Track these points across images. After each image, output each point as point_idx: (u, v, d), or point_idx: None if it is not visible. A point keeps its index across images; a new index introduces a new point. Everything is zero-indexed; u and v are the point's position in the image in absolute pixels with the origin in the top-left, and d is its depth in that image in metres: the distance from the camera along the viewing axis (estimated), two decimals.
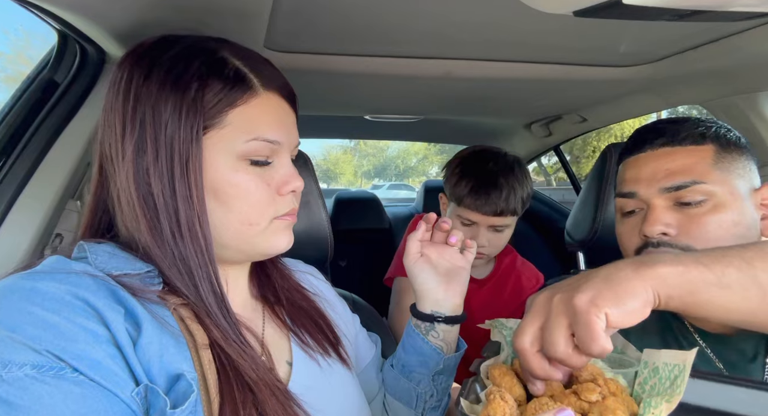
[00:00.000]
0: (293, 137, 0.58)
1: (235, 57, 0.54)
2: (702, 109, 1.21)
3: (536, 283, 1.24)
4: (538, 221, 2.19)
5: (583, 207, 1.16)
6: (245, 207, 0.53)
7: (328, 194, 1.78)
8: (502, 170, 1.10)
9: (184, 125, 0.50)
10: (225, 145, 0.52)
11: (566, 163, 2.06)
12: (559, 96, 1.30)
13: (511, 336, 0.54)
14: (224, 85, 0.51)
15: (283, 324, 0.63)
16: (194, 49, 0.53)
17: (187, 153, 0.50)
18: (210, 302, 0.51)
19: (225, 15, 0.68)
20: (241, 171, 0.52)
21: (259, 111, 0.53)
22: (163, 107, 0.50)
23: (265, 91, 0.54)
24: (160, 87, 0.50)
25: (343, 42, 0.87)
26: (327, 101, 1.37)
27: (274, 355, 0.58)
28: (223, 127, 0.51)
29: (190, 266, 0.50)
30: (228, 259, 0.57)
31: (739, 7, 0.55)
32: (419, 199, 2.44)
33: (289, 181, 0.56)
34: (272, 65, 0.58)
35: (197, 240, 0.50)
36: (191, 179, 0.50)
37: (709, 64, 0.93)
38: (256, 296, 0.65)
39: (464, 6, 0.70)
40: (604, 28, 0.79)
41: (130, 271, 0.49)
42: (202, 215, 0.51)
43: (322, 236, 0.96)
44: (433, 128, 1.91)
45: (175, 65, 0.51)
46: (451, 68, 0.99)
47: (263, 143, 0.53)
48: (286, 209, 0.57)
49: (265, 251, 0.57)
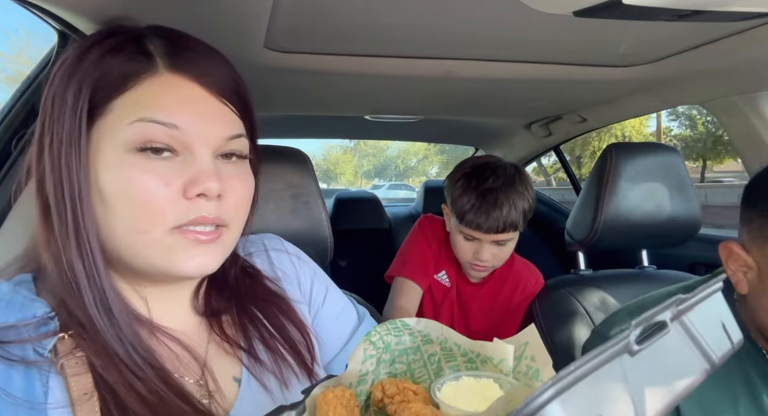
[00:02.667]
0: (213, 129, 0.47)
1: (154, 40, 0.47)
2: (702, 109, 1.21)
3: (535, 282, 1.24)
4: (538, 221, 2.18)
5: (583, 207, 1.16)
6: (130, 210, 0.44)
7: (328, 194, 1.78)
8: (502, 187, 1.10)
9: (70, 112, 0.44)
10: (109, 134, 0.44)
11: (566, 163, 2.06)
12: (559, 96, 1.30)
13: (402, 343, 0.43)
14: (119, 66, 0.45)
15: (230, 340, 0.54)
16: (112, 32, 0.47)
17: (71, 144, 0.44)
18: (96, 316, 0.44)
19: (225, 15, 0.68)
20: (127, 164, 0.44)
21: (153, 91, 0.45)
22: (60, 96, 0.45)
23: (168, 72, 0.46)
24: (63, 75, 0.45)
25: (343, 42, 0.87)
26: (327, 101, 1.37)
27: (220, 374, 0.51)
28: (109, 113, 0.45)
29: (76, 273, 0.44)
30: (141, 276, 0.49)
31: (739, 7, 0.55)
32: (419, 199, 2.44)
33: (197, 180, 0.45)
34: (212, 54, 0.50)
35: (83, 244, 0.44)
36: (75, 175, 0.44)
37: (709, 64, 0.93)
38: (202, 311, 0.56)
39: (464, 6, 0.70)
40: (604, 28, 0.79)
41: (17, 320, 0.42)
42: (86, 216, 0.44)
43: (322, 236, 0.96)
44: (433, 128, 1.91)
45: (84, 52, 0.45)
46: (451, 68, 0.99)
47: (153, 125, 0.44)
48: (191, 215, 0.45)
49: (167, 271, 0.46)
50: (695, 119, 17.68)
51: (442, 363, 0.43)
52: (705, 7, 0.55)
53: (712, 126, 16.30)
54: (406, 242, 1.32)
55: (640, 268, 1.26)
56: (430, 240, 1.27)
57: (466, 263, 1.18)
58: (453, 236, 1.18)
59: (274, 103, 1.36)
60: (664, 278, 1.16)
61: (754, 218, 0.66)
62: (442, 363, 0.43)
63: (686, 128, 18.73)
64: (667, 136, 19.00)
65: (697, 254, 1.43)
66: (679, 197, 1.12)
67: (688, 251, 1.37)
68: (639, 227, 1.11)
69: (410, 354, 0.43)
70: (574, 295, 1.11)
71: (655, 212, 1.10)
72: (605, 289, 1.12)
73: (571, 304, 1.10)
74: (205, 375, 0.50)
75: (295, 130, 1.95)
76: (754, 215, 0.66)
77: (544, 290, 1.19)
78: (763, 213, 0.65)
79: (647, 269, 1.25)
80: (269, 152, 0.94)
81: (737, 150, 1.19)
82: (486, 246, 1.12)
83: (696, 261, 1.45)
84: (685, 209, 1.12)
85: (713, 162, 18.72)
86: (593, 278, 1.17)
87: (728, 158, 16.91)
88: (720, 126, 1.40)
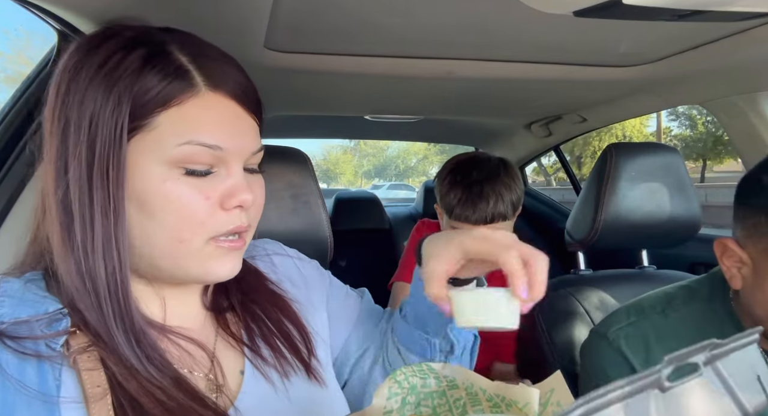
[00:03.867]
0: (246, 144, 0.50)
1: (181, 50, 0.48)
2: (702, 109, 1.21)
3: None
4: (538, 221, 2.19)
5: (583, 207, 1.16)
6: (174, 221, 0.46)
7: (328, 194, 1.78)
8: (487, 178, 1.11)
9: (107, 124, 0.44)
10: (154, 149, 0.45)
11: (566, 163, 2.06)
12: (559, 96, 1.30)
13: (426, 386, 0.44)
14: (159, 82, 0.45)
15: (234, 335, 0.57)
16: (136, 40, 0.47)
17: (108, 157, 0.44)
18: (114, 329, 0.45)
19: (225, 15, 0.68)
20: (171, 180, 0.45)
21: (197, 112, 0.47)
22: (89, 103, 0.45)
23: (208, 91, 0.48)
24: (90, 81, 0.45)
25: (343, 42, 0.87)
26: (327, 101, 1.37)
27: (227, 368, 0.53)
28: (153, 129, 0.45)
29: (98, 284, 0.45)
30: (163, 280, 0.51)
31: (739, 7, 0.55)
32: (419, 199, 2.44)
33: (235, 193, 0.48)
34: (230, 62, 0.52)
35: (110, 257, 0.45)
36: (111, 187, 0.44)
37: (709, 64, 0.93)
38: (209, 306, 0.58)
39: (465, 6, 0.70)
40: (604, 28, 0.79)
41: (29, 315, 0.43)
42: (119, 229, 0.45)
43: (321, 236, 0.96)
44: (433, 128, 1.91)
45: (110, 57, 0.45)
46: (451, 68, 0.99)
47: (200, 148, 0.46)
48: (228, 225, 0.48)
49: (201, 277, 0.50)
50: (695, 119, 17.67)
51: (468, 407, 0.44)
52: (705, 7, 0.55)
53: (712, 126, 16.29)
54: (405, 250, 1.35)
55: (640, 268, 1.26)
56: None
57: None
58: None
59: (274, 103, 1.36)
60: (664, 278, 1.16)
61: (748, 215, 0.67)
62: (467, 407, 0.44)
63: (686, 128, 18.73)
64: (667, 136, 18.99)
65: (697, 254, 1.43)
66: (679, 197, 1.12)
67: (688, 251, 1.37)
68: (639, 227, 1.11)
69: (436, 397, 0.44)
70: (574, 295, 1.11)
71: (655, 212, 1.10)
72: (605, 289, 1.12)
73: (571, 304, 1.10)
74: (214, 369, 0.52)
75: (295, 130, 1.95)
76: (748, 211, 0.67)
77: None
78: (757, 210, 0.66)
79: (647, 269, 1.25)
80: (269, 152, 0.93)
81: (737, 150, 1.19)
82: None
83: (696, 261, 1.45)
84: (685, 209, 1.12)
85: (713, 162, 18.71)
86: (593, 278, 1.17)
87: (728, 158, 16.90)
88: (720, 126, 1.40)
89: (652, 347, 0.74)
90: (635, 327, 0.77)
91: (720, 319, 0.73)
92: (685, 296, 0.78)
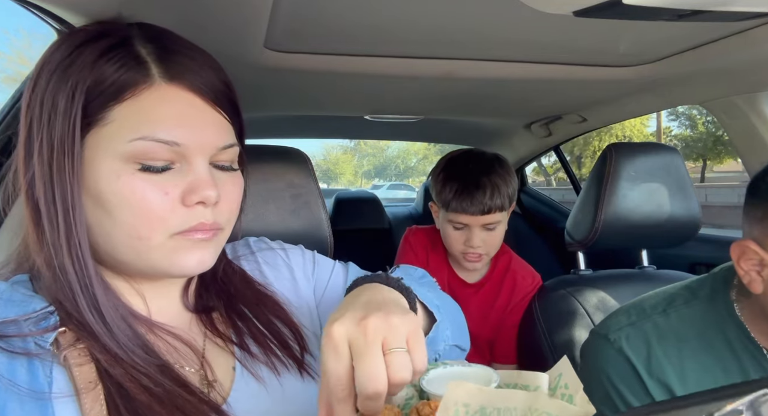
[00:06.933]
0: (208, 139, 0.48)
1: (144, 43, 0.47)
2: (702, 109, 1.21)
3: (532, 282, 1.24)
4: (538, 221, 2.19)
5: (583, 207, 1.16)
6: (130, 217, 0.45)
7: (328, 194, 1.78)
8: (483, 169, 1.13)
9: (63, 120, 0.44)
10: (108, 145, 0.45)
11: (566, 163, 2.06)
12: (559, 96, 1.30)
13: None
14: (113, 74, 0.44)
15: (223, 335, 0.57)
16: (101, 34, 0.47)
17: (64, 153, 0.44)
18: (92, 321, 0.45)
19: (225, 15, 0.68)
20: (126, 176, 0.44)
21: (153, 106, 0.45)
22: (48, 99, 0.44)
23: (164, 83, 0.46)
24: (50, 76, 0.45)
25: (343, 42, 0.87)
26: (327, 101, 1.37)
27: (217, 365, 0.53)
28: (107, 124, 0.45)
29: (69, 279, 0.45)
30: (135, 275, 0.51)
31: (739, 7, 0.55)
32: (419, 199, 2.44)
33: (196, 189, 0.46)
34: (198, 56, 0.50)
35: (75, 253, 0.45)
36: (69, 183, 0.44)
37: (709, 64, 0.93)
38: (195, 308, 0.58)
39: (464, 6, 0.70)
40: (604, 28, 0.79)
41: (17, 315, 0.44)
42: (79, 225, 0.45)
43: (321, 236, 0.96)
44: (433, 128, 1.91)
45: (72, 52, 0.45)
46: (451, 68, 0.99)
47: (154, 144, 0.44)
48: (191, 222, 0.47)
49: (167, 270, 0.49)
50: (695, 119, 17.66)
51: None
52: (705, 7, 0.55)
53: (712, 126, 16.29)
54: (398, 253, 1.34)
55: (640, 268, 1.26)
56: (416, 249, 1.29)
57: (459, 254, 1.19)
58: (443, 230, 1.20)
59: (274, 103, 1.36)
60: (664, 278, 1.16)
61: (767, 214, 0.65)
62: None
63: (686, 128, 18.72)
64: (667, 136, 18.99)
65: (697, 254, 1.43)
66: (679, 197, 1.12)
67: (688, 251, 1.37)
68: (639, 227, 1.11)
69: None
70: (573, 295, 1.11)
71: (655, 212, 1.10)
72: (605, 289, 1.12)
73: (571, 304, 1.10)
74: (204, 366, 0.52)
75: (295, 130, 1.94)
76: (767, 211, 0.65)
77: (544, 291, 1.19)
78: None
79: (647, 269, 1.25)
80: (269, 152, 0.94)
81: (737, 150, 1.19)
82: (476, 232, 1.14)
83: (696, 261, 1.45)
84: (685, 209, 1.12)
85: (713, 162, 18.71)
86: (593, 279, 1.17)
87: (728, 158, 16.89)
88: (720, 126, 1.40)
89: (654, 347, 0.74)
90: (636, 328, 0.77)
91: (721, 319, 0.73)
92: (686, 296, 0.78)
